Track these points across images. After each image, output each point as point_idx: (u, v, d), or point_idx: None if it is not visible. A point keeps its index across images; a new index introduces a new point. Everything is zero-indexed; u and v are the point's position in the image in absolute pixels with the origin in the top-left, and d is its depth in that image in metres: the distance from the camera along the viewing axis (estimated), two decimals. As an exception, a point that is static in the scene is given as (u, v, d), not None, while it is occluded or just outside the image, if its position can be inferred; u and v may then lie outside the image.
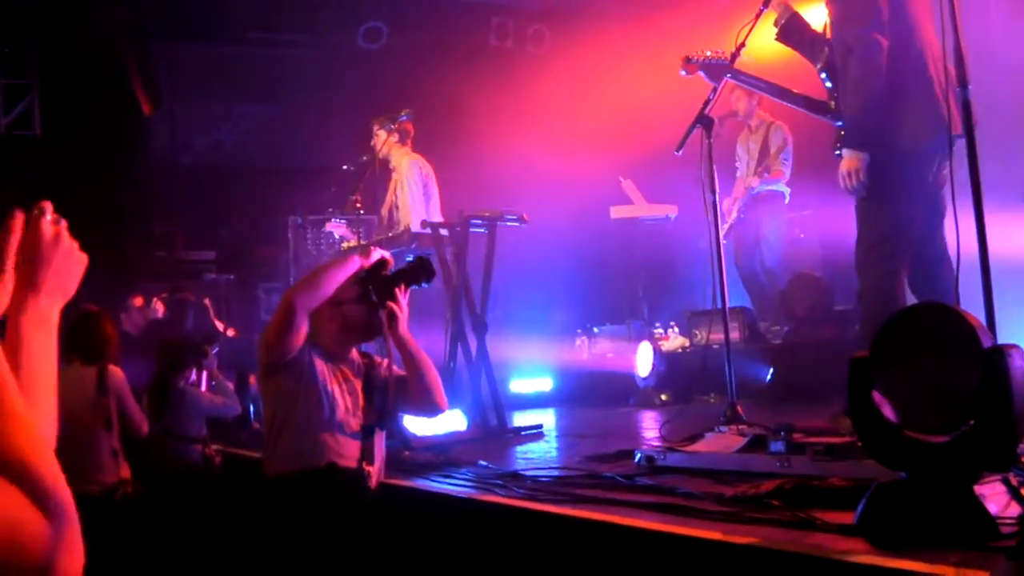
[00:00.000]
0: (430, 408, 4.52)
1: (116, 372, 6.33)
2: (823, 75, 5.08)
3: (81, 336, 6.16)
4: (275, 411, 4.36)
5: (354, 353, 4.51)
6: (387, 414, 4.44)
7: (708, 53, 5.26)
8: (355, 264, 4.32)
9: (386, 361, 4.41)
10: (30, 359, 1.66)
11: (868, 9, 4.75)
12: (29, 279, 1.73)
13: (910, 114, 4.72)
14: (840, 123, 5.00)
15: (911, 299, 4.86)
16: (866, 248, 4.87)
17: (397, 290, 4.33)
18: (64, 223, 1.81)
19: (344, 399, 4.31)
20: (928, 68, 4.71)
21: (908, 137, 4.72)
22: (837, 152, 4.95)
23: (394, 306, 4.32)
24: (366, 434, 4.30)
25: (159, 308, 7.80)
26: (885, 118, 4.75)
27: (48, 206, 1.81)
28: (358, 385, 4.39)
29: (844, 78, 4.90)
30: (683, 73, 5.31)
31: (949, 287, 4.54)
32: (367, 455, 4.25)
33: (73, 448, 5.53)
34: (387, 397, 4.37)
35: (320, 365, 4.27)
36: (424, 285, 4.48)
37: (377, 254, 4.38)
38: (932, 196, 4.82)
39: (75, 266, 1.81)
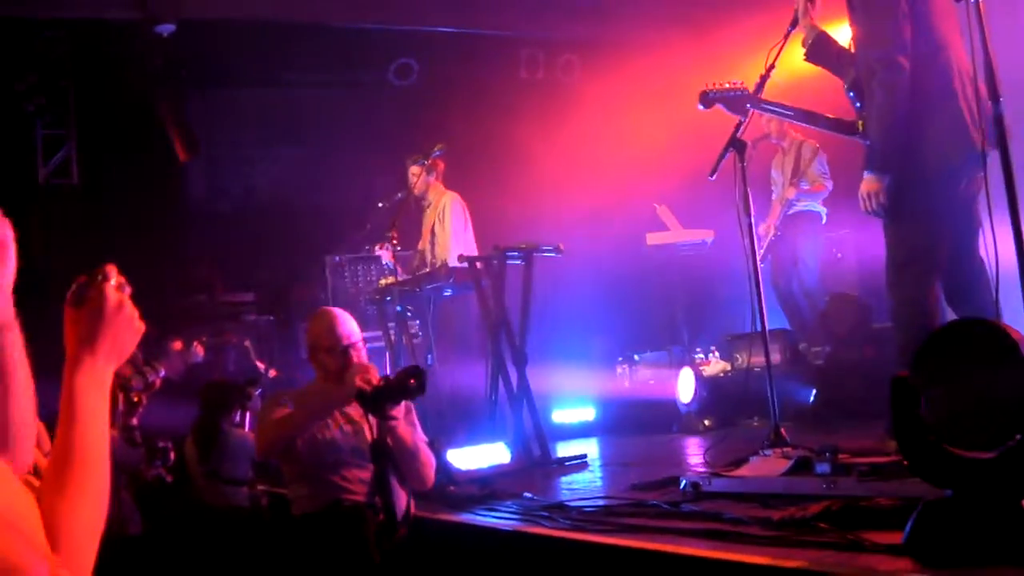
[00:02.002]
0: (415, 485, 4.58)
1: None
2: (851, 94, 5.07)
3: None
4: (288, 460, 4.58)
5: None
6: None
7: (726, 85, 5.26)
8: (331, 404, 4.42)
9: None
10: (84, 418, 1.72)
11: (890, 31, 4.74)
12: (88, 340, 1.78)
13: (934, 134, 4.70)
14: (868, 142, 4.99)
15: (950, 315, 4.84)
16: (895, 269, 4.86)
17: (387, 409, 4.26)
18: (128, 290, 1.85)
19: (347, 440, 4.41)
20: (953, 84, 4.69)
21: (932, 157, 4.69)
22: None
23: (388, 422, 4.31)
24: (378, 470, 4.34)
25: (199, 351, 7.84)
26: (908, 140, 4.73)
27: (112, 270, 1.84)
28: (364, 425, 4.44)
29: (869, 99, 4.90)
30: (701, 107, 5.31)
31: (988, 301, 4.52)
32: (378, 490, 4.30)
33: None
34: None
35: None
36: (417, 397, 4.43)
37: (353, 391, 4.31)
38: (963, 212, 4.79)
39: (133, 333, 1.86)
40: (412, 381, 4.20)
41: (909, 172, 4.74)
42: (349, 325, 4.72)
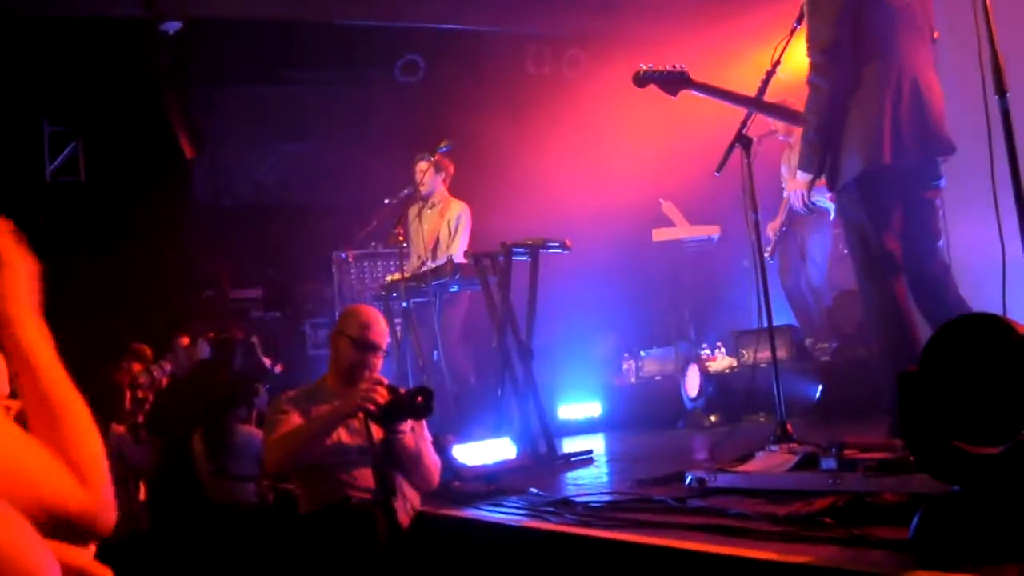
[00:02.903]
0: (420, 484, 4.65)
1: (116, 430, 6.41)
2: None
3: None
4: None
5: None
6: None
7: (666, 67, 5.27)
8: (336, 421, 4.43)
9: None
10: (46, 369, 1.83)
11: (827, 35, 4.75)
12: (17, 298, 1.85)
13: (848, 142, 4.71)
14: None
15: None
16: (858, 270, 4.88)
17: (395, 425, 4.35)
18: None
19: (355, 440, 4.42)
20: (884, 95, 4.68)
21: (846, 164, 4.72)
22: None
23: (399, 435, 4.37)
24: (386, 468, 4.38)
25: (205, 348, 7.85)
26: (838, 142, 4.76)
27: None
28: (371, 424, 4.47)
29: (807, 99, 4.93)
30: (637, 87, 5.33)
31: (956, 303, 4.56)
32: (385, 487, 4.33)
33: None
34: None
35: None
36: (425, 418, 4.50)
37: (356, 409, 4.39)
38: (917, 217, 4.81)
39: (34, 279, 1.91)
40: (420, 399, 4.30)
41: (836, 179, 4.79)
42: (383, 330, 4.76)
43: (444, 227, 8.75)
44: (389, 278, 9.00)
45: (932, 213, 4.89)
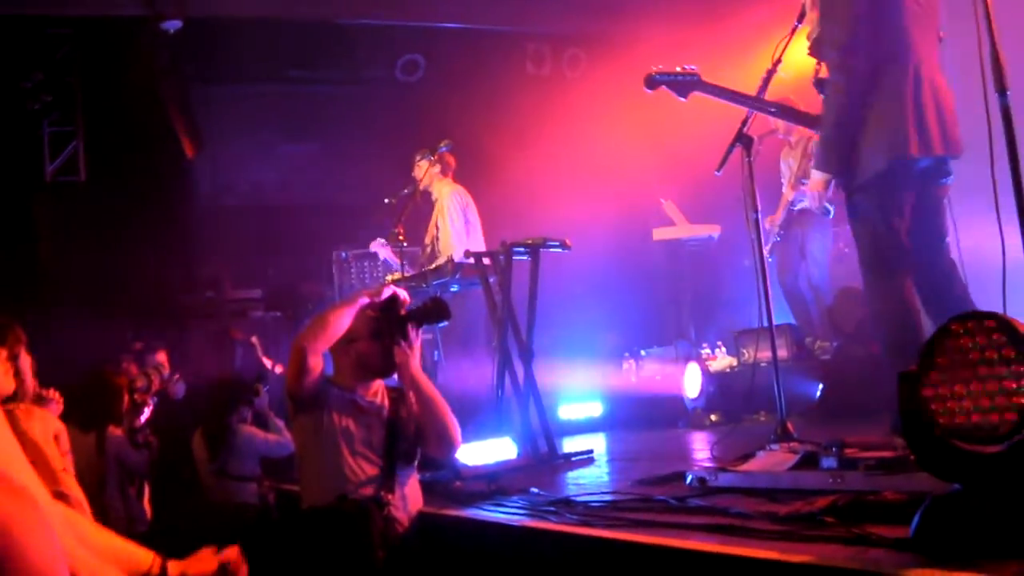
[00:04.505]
0: (444, 446, 4.65)
1: (113, 433, 6.41)
2: (817, 87, 5.09)
3: (79, 403, 6.08)
4: (301, 448, 4.59)
5: (378, 387, 4.60)
6: (411, 451, 4.51)
7: (677, 69, 5.26)
8: (361, 303, 4.43)
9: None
10: None
11: (844, 33, 4.77)
12: None
13: (873, 139, 4.73)
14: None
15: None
16: (864, 272, 4.90)
17: (410, 329, 4.40)
18: None
19: (360, 432, 4.41)
20: (905, 90, 4.71)
21: (869, 162, 4.75)
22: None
23: (405, 345, 4.40)
24: (388, 466, 4.37)
25: (181, 389, 7.88)
26: (851, 141, 4.76)
27: None
28: (380, 419, 4.48)
29: (824, 97, 4.94)
30: (647, 90, 5.32)
31: (961, 303, 4.56)
32: (386, 485, 4.32)
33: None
34: (407, 434, 4.46)
35: (337, 401, 4.44)
36: (441, 324, 4.54)
37: (389, 291, 4.47)
38: (927, 213, 4.82)
39: None
40: (432, 304, 4.55)
41: (855, 175, 4.79)
42: None
43: (437, 213, 8.77)
44: (389, 277, 8.99)
45: (941, 210, 4.92)
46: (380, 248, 9.21)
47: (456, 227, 8.61)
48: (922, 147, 4.65)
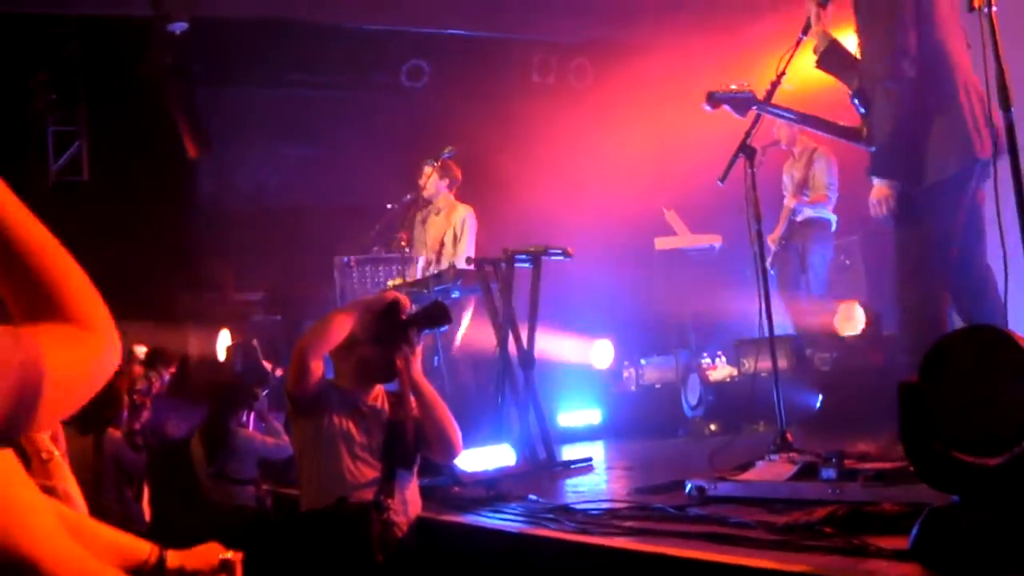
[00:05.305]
0: (445, 451, 4.65)
1: (112, 435, 6.40)
2: (855, 100, 5.10)
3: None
4: (301, 451, 4.57)
5: (379, 392, 4.60)
6: (410, 455, 4.51)
7: (733, 87, 5.26)
8: (363, 308, 4.44)
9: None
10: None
11: (895, 40, 4.78)
12: None
13: (935, 142, 4.76)
14: (873, 149, 5.02)
15: (957, 322, 4.87)
16: (904, 275, 4.90)
17: (411, 333, 4.40)
18: None
19: (360, 436, 4.41)
20: (957, 92, 4.74)
21: (933, 165, 4.77)
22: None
23: (406, 349, 4.41)
24: (387, 470, 4.37)
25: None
26: (913, 146, 4.78)
27: None
28: (380, 423, 4.48)
29: (874, 106, 4.93)
30: (707, 108, 5.32)
31: (996, 308, 4.55)
32: (385, 490, 4.32)
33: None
34: (407, 439, 4.46)
35: (338, 405, 4.43)
36: (441, 329, 4.55)
37: (392, 295, 4.48)
38: (970, 219, 4.83)
39: None
40: (434, 308, 4.53)
41: (914, 179, 4.80)
42: None
43: (450, 232, 8.77)
44: (391, 283, 8.99)
45: (981, 214, 4.93)
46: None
47: (470, 248, 8.63)
48: (984, 148, 4.67)
